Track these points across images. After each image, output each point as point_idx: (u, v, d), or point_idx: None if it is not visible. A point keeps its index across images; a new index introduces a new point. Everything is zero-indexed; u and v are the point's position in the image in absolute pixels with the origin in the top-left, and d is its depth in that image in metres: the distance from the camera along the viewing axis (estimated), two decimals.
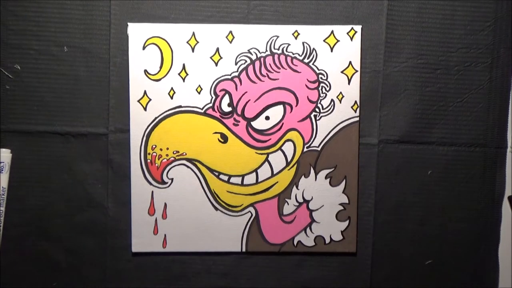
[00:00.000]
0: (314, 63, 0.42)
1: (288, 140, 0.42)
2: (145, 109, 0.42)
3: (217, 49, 0.42)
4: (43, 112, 0.42)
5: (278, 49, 0.42)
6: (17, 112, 0.42)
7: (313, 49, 0.42)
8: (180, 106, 0.42)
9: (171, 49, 0.41)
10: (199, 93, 0.42)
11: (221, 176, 0.42)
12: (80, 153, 0.42)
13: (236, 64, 0.42)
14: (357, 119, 0.42)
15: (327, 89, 0.42)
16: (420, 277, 0.43)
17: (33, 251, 0.42)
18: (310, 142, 0.42)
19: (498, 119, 0.43)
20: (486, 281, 0.44)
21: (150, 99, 0.42)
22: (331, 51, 0.42)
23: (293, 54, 0.42)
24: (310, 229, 0.43)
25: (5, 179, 0.41)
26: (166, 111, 0.42)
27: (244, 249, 0.42)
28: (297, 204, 0.43)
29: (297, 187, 0.43)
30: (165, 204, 0.42)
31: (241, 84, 0.42)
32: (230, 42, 0.42)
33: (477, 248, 0.44)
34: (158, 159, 0.42)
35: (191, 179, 0.42)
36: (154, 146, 0.42)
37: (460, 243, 0.43)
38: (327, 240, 0.43)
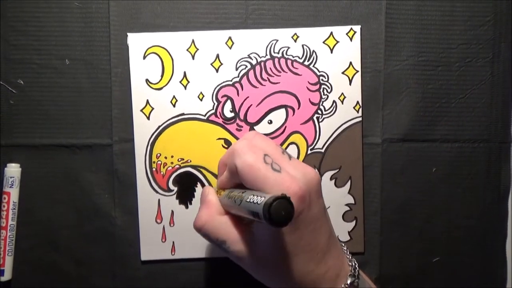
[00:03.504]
0: (315, 65, 0.42)
1: (291, 143, 0.43)
2: (148, 118, 0.42)
3: (217, 56, 0.42)
4: (47, 125, 0.42)
5: (278, 53, 0.42)
6: (22, 127, 0.42)
7: (313, 51, 0.42)
8: (183, 114, 0.42)
9: (171, 57, 0.42)
10: (201, 100, 0.42)
11: None
12: (86, 164, 0.42)
13: (236, 69, 0.42)
14: (360, 119, 0.42)
15: (329, 90, 0.42)
16: (429, 274, 0.43)
17: (43, 263, 0.43)
18: (313, 144, 0.43)
19: (501, 114, 0.43)
20: (494, 277, 0.44)
21: (152, 108, 0.42)
22: (331, 52, 0.42)
23: (293, 57, 0.42)
24: None
25: (16, 193, 0.42)
26: (169, 119, 0.42)
27: None
28: None
29: None
30: (172, 212, 0.42)
31: (242, 89, 0.42)
32: (230, 48, 0.42)
33: (484, 244, 0.44)
34: (163, 167, 0.42)
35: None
36: (158, 155, 0.42)
37: (467, 240, 0.43)
38: None
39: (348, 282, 0.33)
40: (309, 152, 0.43)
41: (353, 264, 0.34)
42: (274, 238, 0.30)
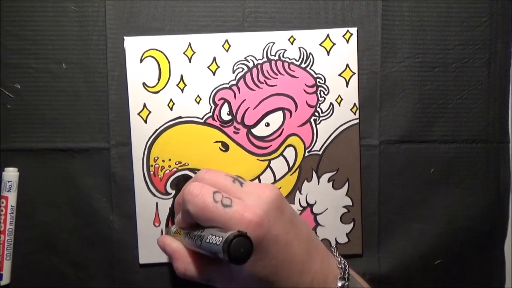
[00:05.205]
0: (312, 68, 0.42)
1: (289, 145, 0.43)
2: (145, 121, 0.42)
3: (214, 59, 0.42)
4: (45, 129, 0.42)
5: (275, 55, 0.42)
6: (19, 131, 0.42)
7: (310, 53, 0.42)
8: (180, 117, 0.42)
9: (168, 60, 0.42)
10: (198, 103, 0.42)
11: None
12: (83, 168, 0.42)
13: (233, 72, 0.42)
14: (357, 121, 0.42)
15: (326, 92, 0.42)
16: (427, 275, 0.43)
17: (41, 266, 0.43)
18: (311, 147, 0.43)
19: (498, 114, 0.43)
20: (493, 277, 0.44)
21: (150, 112, 0.42)
22: (328, 54, 0.42)
23: (290, 59, 0.42)
24: (315, 232, 0.43)
25: (14, 197, 0.42)
26: (167, 123, 0.42)
27: None
28: (301, 208, 0.43)
29: (300, 191, 0.43)
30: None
31: (239, 92, 0.42)
32: (227, 51, 0.42)
33: (484, 244, 0.43)
34: (161, 170, 0.42)
35: None
36: (156, 158, 0.42)
37: (466, 240, 0.43)
38: (333, 243, 0.43)
39: (339, 285, 0.32)
40: (306, 154, 0.43)
41: (343, 266, 0.34)
42: (248, 266, 0.30)
